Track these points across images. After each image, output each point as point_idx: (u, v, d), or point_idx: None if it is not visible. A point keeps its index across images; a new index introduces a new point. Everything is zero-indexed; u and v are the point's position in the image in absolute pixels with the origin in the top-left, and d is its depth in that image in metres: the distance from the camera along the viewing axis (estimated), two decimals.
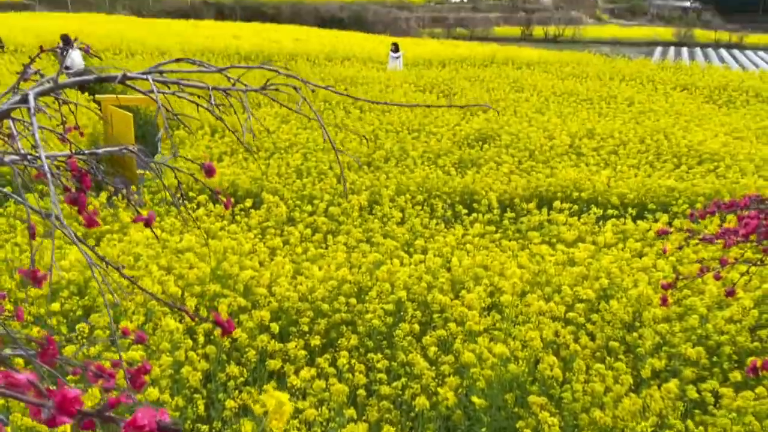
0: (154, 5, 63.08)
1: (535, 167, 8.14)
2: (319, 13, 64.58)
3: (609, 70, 16.80)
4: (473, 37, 62.39)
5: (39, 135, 1.30)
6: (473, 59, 18.58)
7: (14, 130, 1.31)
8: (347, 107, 11.33)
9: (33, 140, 1.43)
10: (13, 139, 1.38)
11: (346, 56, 18.17)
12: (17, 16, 37.50)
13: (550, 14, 79.28)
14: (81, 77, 1.21)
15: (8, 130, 1.53)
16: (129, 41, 18.95)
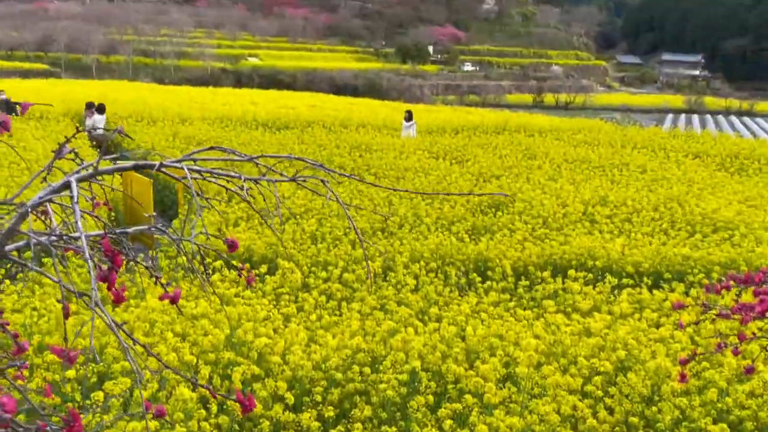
0: (176, 73, 65.30)
1: (548, 235, 8.16)
2: (334, 81, 66.38)
3: (621, 137, 17.02)
4: (485, 104, 63.66)
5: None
6: (486, 126, 18.91)
7: (50, 210, 1.37)
8: (362, 173, 11.51)
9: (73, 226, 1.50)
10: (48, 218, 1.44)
11: (361, 123, 18.57)
12: (44, 82, 38.94)
13: (560, 82, 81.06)
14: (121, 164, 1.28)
15: (43, 207, 1.60)
16: (151, 108, 19.55)
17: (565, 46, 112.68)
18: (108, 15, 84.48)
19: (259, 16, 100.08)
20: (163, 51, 70.54)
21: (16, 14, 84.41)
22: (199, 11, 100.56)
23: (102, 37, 70.73)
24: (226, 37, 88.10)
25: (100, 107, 14.91)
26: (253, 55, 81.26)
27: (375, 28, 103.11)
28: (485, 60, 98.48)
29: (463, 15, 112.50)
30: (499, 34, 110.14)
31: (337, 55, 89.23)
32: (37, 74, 54.96)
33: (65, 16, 79.63)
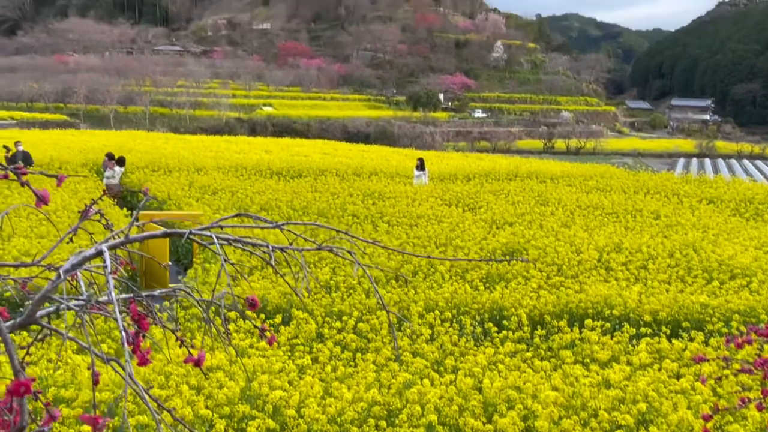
0: (191, 122, 66.57)
1: (564, 282, 8.11)
2: (347, 129, 67.29)
3: (633, 183, 17.03)
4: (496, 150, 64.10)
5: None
6: (497, 173, 19.02)
7: (79, 275, 1.41)
8: (375, 221, 11.57)
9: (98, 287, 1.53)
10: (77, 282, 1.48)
11: (374, 171, 18.73)
12: (62, 133, 39.73)
13: (571, 128, 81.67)
14: (151, 233, 1.32)
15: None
16: (167, 158, 19.87)
17: (574, 92, 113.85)
18: (127, 67, 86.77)
19: (274, 66, 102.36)
20: (179, 101, 72.05)
21: (38, 67, 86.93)
22: (215, 62, 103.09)
23: (120, 89, 72.48)
24: (241, 87, 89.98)
25: (120, 160, 15.19)
26: (268, 105, 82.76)
27: (386, 77, 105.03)
28: (495, 107, 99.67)
29: (472, 64, 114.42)
30: (509, 81, 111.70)
31: (349, 104, 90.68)
32: (56, 125, 56.19)
33: (85, 69, 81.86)
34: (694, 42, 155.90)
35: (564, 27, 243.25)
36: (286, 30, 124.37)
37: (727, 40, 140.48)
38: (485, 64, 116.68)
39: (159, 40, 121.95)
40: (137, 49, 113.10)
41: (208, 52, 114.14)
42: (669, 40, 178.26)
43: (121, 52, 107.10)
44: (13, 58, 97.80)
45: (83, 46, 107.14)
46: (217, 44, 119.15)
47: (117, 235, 1.36)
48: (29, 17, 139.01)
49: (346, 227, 11.07)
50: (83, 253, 1.28)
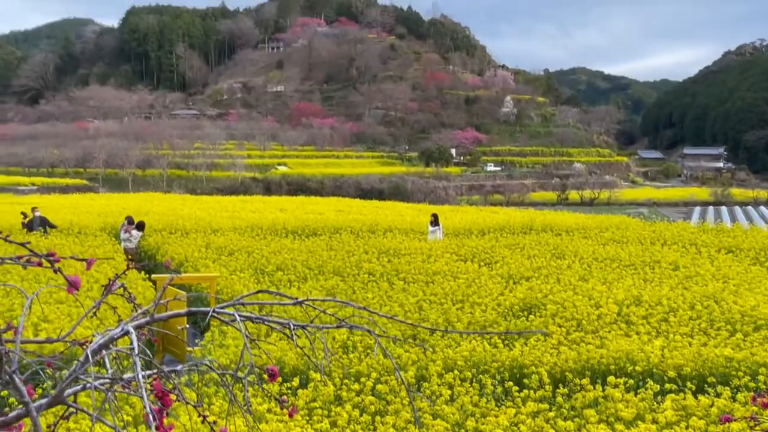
0: (207, 183, 67.61)
1: (584, 338, 7.99)
2: (360, 185, 67.98)
3: (649, 234, 16.92)
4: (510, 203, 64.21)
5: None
6: (512, 227, 19.00)
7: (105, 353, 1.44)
8: (391, 279, 11.55)
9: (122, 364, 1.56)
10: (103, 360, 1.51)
11: (388, 227, 18.81)
12: (82, 197, 40.47)
13: (584, 179, 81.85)
14: (176, 312, 1.35)
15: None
16: (184, 219, 20.13)
17: (585, 143, 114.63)
18: (145, 131, 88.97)
19: (288, 127, 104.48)
20: (196, 163, 73.44)
21: (59, 133, 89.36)
22: (231, 125, 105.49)
23: (138, 153, 74.14)
24: (256, 148, 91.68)
25: (140, 225, 15.41)
26: (282, 164, 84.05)
27: (398, 134, 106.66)
28: (507, 160, 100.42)
29: (483, 119, 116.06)
30: (520, 134, 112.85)
31: (363, 161, 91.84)
32: (76, 189, 57.33)
33: (104, 134, 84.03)
34: (702, 91, 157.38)
35: (572, 81, 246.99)
36: (299, 91, 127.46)
37: (736, 88, 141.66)
38: (496, 118, 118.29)
39: (176, 105, 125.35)
40: (155, 113, 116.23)
41: (223, 114, 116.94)
42: (678, 90, 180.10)
43: (139, 117, 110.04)
44: (36, 125, 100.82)
45: (103, 113, 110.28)
46: (232, 107, 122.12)
47: (144, 313, 1.40)
48: (51, 86, 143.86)
49: (362, 285, 11.06)
50: (110, 333, 1.32)
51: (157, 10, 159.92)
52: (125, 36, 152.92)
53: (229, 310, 1.34)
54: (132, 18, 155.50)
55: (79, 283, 1.24)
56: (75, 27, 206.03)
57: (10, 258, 1.24)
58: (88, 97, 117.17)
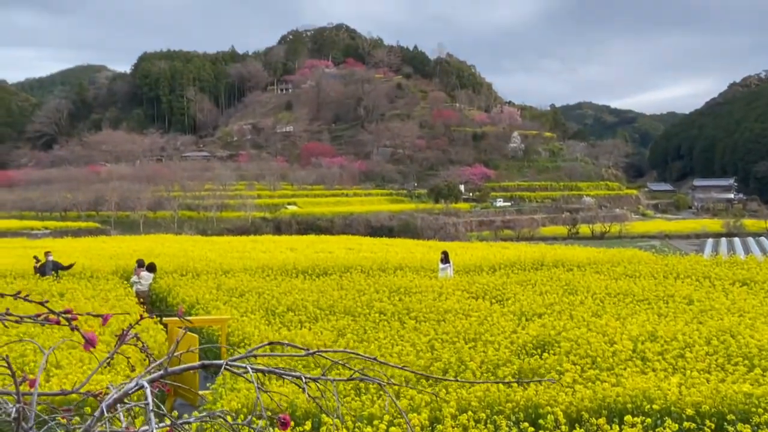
0: (218, 224, 67.98)
1: (599, 376, 7.87)
2: (370, 223, 68.08)
3: (662, 267, 16.78)
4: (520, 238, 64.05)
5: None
6: (523, 262, 18.91)
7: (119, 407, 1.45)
8: (402, 318, 11.49)
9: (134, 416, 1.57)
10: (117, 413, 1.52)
11: (399, 265, 18.77)
12: (94, 240, 40.74)
13: (594, 213, 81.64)
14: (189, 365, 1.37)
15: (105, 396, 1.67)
16: (195, 260, 20.21)
17: (594, 177, 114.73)
18: (156, 174, 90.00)
19: (297, 166, 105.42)
20: (206, 204, 74.00)
21: (72, 178, 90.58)
22: (241, 165, 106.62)
23: (150, 195, 74.85)
24: (266, 188, 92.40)
25: (150, 266, 15.50)
26: (292, 203, 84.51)
27: (407, 171, 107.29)
28: (516, 195, 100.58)
29: (491, 155, 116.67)
30: (528, 170, 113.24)
31: (372, 199, 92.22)
32: (88, 232, 57.79)
33: (116, 177, 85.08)
34: (710, 123, 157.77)
35: (578, 115, 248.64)
36: (308, 132, 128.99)
37: (743, 119, 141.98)
38: (503, 154, 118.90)
39: (187, 147, 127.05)
40: (166, 156, 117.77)
41: (233, 156, 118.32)
42: (685, 123, 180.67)
43: (151, 160, 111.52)
44: (49, 170, 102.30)
45: (115, 156, 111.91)
46: (242, 148, 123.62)
47: (158, 366, 1.41)
48: (65, 131, 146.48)
49: (374, 325, 11.00)
50: (124, 388, 1.34)
51: (168, 55, 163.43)
52: (137, 81, 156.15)
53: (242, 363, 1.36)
54: (144, 63, 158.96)
55: (95, 341, 1.27)
56: (89, 73, 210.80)
57: (29, 317, 1.26)
58: (101, 141, 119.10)
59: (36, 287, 13.83)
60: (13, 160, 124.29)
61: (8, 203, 79.67)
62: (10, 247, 33.45)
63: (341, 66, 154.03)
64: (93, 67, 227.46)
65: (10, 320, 1.24)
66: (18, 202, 79.85)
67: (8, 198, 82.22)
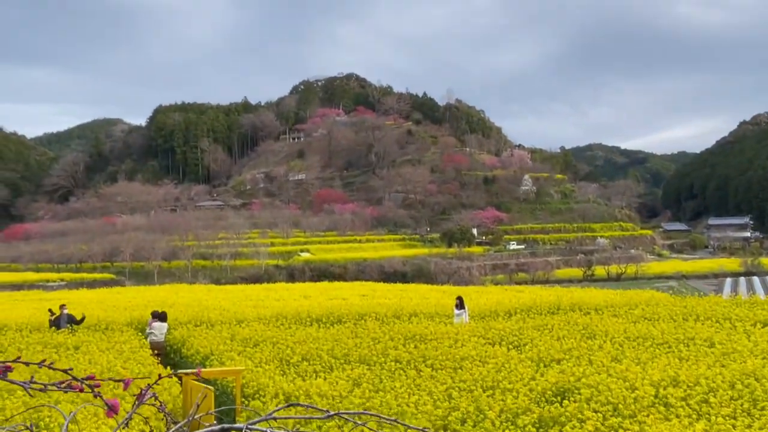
0: (231, 272, 68.12)
1: (622, 423, 7.69)
2: (383, 269, 67.90)
3: (681, 309, 16.53)
4: (535, 281, 63.52)
5: None
6: (539, 307, 18.72)
7: None
8: (418, 365, 11.34)
9: None
10: None
11: (413, 312, 18.63)
12: (109, 292, 40.88)
13: (609, 254, 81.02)
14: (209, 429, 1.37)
15: None
16: (209, 310, 20.19)
17: (607, 218, 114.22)
18: (171, 224, 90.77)
19: (310, 213, 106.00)
20: (220, 253, 74.31)
21: (87, 229, 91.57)
22: (254, 213, 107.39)
23: (164, 245, 75.36)
24: (279, 235, 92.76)
25: (161, 315, 15.52)
26: (305, 250, 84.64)
27: (419, 216, 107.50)
28: (530, 238, 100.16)
29: (502, 198, 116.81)
30: (541, 212, 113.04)
31: (384, 244, 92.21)
32: (103, 283, 58.08)
33: (131, 228, 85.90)
34: (721, 162, 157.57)
35: (589, 157, 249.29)
36: (320, 179, 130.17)
37: (755, 157, 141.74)
38: (515, 197, 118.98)
39: (201, 197, 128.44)
40: (181, 206, 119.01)
41: (247, 204, 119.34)
42: (696, 162, 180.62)
43: (165, 210, 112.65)
44: (66, 222, 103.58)
45: (131, 207, 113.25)
46: (255, 196, 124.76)
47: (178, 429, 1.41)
48: (81, 184, 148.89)
49: (389, 374, 10.86)
50: None
51: (182, 107, 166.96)
52: (152, 133, 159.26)
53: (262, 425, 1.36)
54: (159, 116, 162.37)
55: (118, 408, 1.28)
56: (105, 127, 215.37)
57: (54, 384, 1.28)
58: (117, 192, 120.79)
59: (51, 340, 13.84)
60: (30, 213, 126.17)
61: (25, 256, 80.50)
62: (26, 299, 33.66)
63: (352, 114, 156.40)
64: (110, 120, 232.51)
65: (34, 388, 1.25)
66: (35, 254, 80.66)
67: (25, 250, 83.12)
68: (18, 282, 59.61)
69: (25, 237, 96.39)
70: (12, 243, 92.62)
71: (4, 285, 56.35)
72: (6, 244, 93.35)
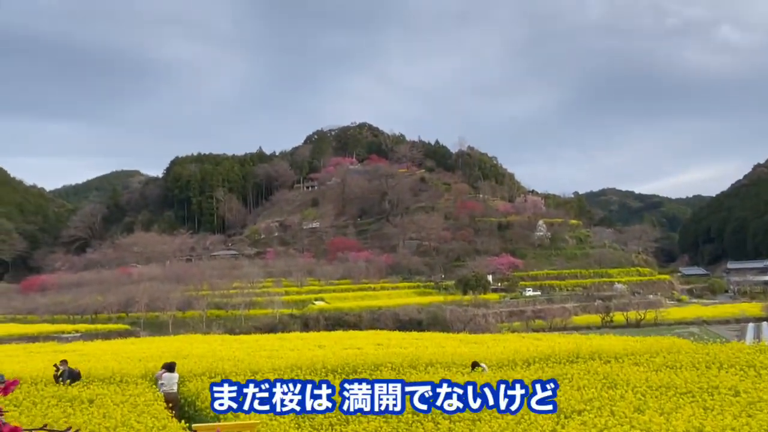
0: (246, 322, 67.75)
1: None
2: (398, 317, 67.19)
3: (703, 357, 16.15)
4: (552, 328, 62.47)
5: None
6: (558, 356, 18.38)
7: None
8: (436, 418, 11.11)
9: None
10: None
11: (429, 362, 18.36)
12: (123, 342, 40.79)
13: (627, 300, 79.74)
14: None
15: None
16: (223, 361, 20.02)
17: (624, 263, 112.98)
18: (186, 274, 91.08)
19: (324, 262, 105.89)
20: (234, 303, 74.18)
21: (103, 280, 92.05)
22: (268, 262, 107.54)
23: (179, 295, 75.43)
24: (293, 284, 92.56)
25: (170, 365, 15.44)
26: (319, 299, 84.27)
27: (433, 263, 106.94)
28: (546, 284, 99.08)
29: (517, 244, 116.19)
30: (556, 258, 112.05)
31: (399, 292, 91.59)
32: (118, 334, 58.00)
33: (147, 278, 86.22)
34: (737, 205, 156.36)
35: (603, 201, 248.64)
36: (334, 227, 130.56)
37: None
38: (530, 243, 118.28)
39: (216, 246, 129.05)
40: (196, 255, 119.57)
41: (261, 253, 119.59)
42: (712, 205, 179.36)
43: (181, 260, 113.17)
44: (82, 273, 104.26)
45: (146, 258, 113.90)
46: (269, 245, 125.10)
47: None
48: (98, 235, 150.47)
49: (407, 427, 10.66)
50: None
51: (199, 158, 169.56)
52: (169, 184, 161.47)
53: None
54: (176, 167, 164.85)
55: None
56: (123, 178, 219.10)
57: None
58: (133, 243, 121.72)
59: (66, 394, 13.77)
60: (47, 264, 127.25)
61: (41, 307, 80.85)
62: (41, 351, 33.62)
63: (365, 162, 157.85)
64: (127, 172, 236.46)
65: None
66: (50, 305, 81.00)
67: (41, 302, 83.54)
68: (33, 334, 59.68)
69: (41, 288, 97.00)
70: (29, 294, 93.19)
71: (20, 337, 56.46)
72: (23, 295, 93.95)
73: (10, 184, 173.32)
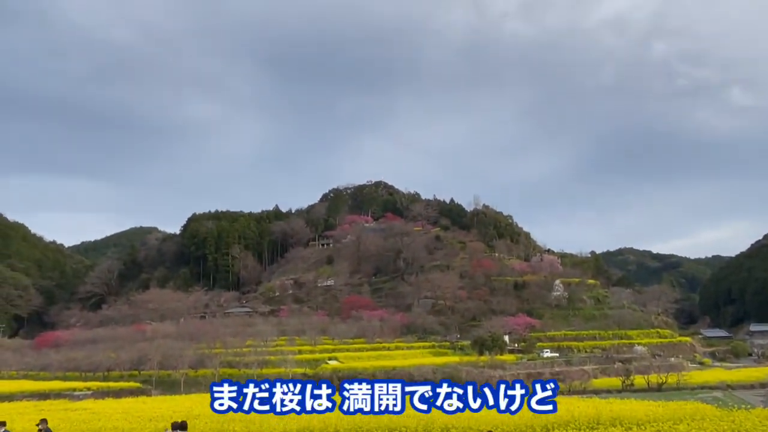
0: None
1: None
2: (413, 377, 65.85)
3: (729, 425, 15.61)
4: (571, 391, 60.74)
5: None
6: (578, 421, 17.85)
7: None
8: None
9: None
10: None
11: (445, 426, 17.99)
12: (134, 401, 40.28)
13: (647, 362, 77.71)
14: None
15: None
16: (234, 422, 19.68)
17: (644, 325, 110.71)
18: (199, 331, 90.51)
19: (338, 320, 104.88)
20: (247, 361, 73.35)
21: (117, 337, 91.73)
22: (282, 320, 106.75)
23: (192, 353, 74.77)
24: (306, 343, 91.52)
25: (182, 425, 15.21)
26: (333, 358, 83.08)
27: (449, 322, 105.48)
28: (564, 345, 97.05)
29: (533, 304, 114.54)
30: (574, 318, 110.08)
31: (414, 352, 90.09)
32: (129, 393, 57.31)
33: (160, 336, 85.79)
34: (759, 265, 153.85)
35: (620, 261, 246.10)
36: (348, 285, 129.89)
37: None
38: (546, 303, 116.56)
39: (230, 303, 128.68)
40: (210, 313, 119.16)
41: (275, 311, 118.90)
42: (732, 266, 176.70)
43: (195, 317, 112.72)
44: (97, 330, 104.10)
45: (161, 315, 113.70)
46: (283, 303, 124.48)
47: None
48: (114, 291, 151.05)
49: None
50: None
51: (215, 216, 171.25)
52: (185, 241, 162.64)
53: None
54: (193, 224, 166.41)
55: None
56: (140, 235, 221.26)
57: None
58: (148, 300, 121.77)
59: None
60: (62, 320, 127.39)
61: (54, 364, 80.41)
62: (52, 409, 33.26)
63: (380, 220, 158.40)
64: (145, 229, 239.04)
65: None
66: (63, 362, 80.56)
67: (54, 358, 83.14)
68: (45, 391, 59.13)
69: (55, 344, 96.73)
70: (42, 351, 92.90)
71: (32, 393, 55.96)
72: (36, 351, 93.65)
73: (30, 241, 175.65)
